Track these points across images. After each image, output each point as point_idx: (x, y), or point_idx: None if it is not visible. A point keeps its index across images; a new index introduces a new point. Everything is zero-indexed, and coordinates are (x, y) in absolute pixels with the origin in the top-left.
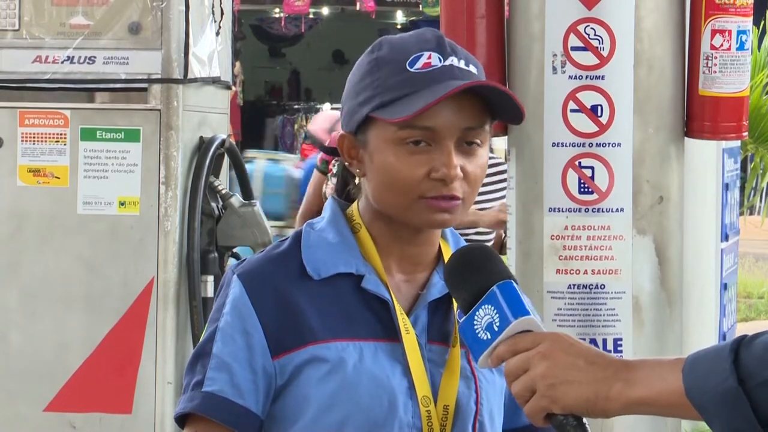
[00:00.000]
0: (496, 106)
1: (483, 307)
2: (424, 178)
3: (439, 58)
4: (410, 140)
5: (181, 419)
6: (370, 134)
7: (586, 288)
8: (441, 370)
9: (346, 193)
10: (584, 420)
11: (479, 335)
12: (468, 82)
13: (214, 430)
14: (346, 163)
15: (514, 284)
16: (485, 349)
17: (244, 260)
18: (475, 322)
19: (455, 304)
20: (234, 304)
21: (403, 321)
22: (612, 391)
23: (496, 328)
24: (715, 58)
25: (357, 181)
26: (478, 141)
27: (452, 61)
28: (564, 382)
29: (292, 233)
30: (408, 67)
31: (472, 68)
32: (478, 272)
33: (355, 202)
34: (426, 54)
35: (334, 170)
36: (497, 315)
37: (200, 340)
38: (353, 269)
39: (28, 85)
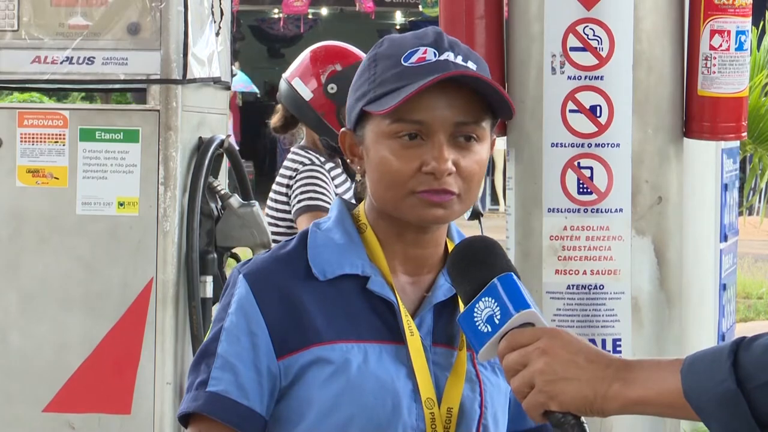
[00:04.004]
0: (492, 102)
1: (483, 299)
2: (416, 173)
3: (435, 53)
4: (403, 134)
5: (185, 418)
6: (366, 129)
7: (585, 288)
8: (446, 372)
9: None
10: (582, 419)
11: (479, 327)
12: (451, 72)
13: (217, 430)
14: (348, 161)
15: (515, 277)
16: (485, 341)
17: (250, 260)
18: (475, 315)
19: (461, 307)
20: (239, 304)
21: (408, 323)
22: (610, 390)
23: (497, 321)
24: (714, 58)
25: (359, 179)
26: (474, 136)
27: (448, 56)
28: (563, 378)
29: (298, 233)
30: (402, 62)
31: (470, 64)
32: (479, 265)
33: (362, 202)
34: (422, 49)
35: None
36: (498, 308)
37: (205, 339)
38: (359, 270)
39: (27, 85)
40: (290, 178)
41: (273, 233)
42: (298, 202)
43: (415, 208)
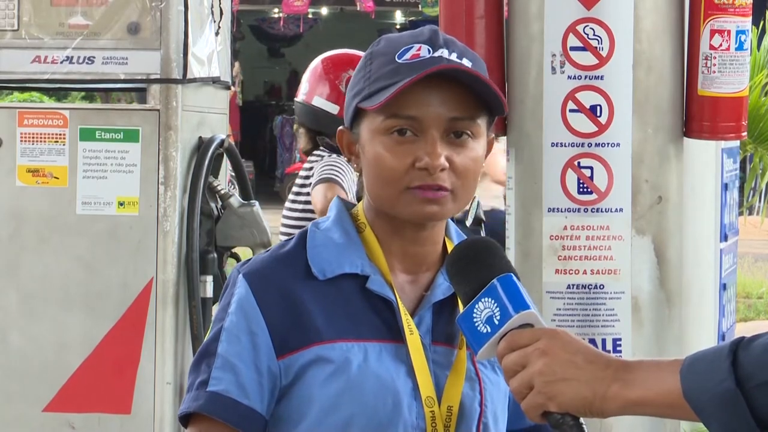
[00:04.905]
0: (487, 98)
1: (483, 300)
2: (410, 168)
3: (429, 50)
4: (396, 129)
5: (185, 418)
6: (361, 127)
7: (585, 288)
8: (446, 371)
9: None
10: (581, 420)
11: (479, 328)
12: (440, 66)
13: (218, 430)
14: (347, 160)
15: (515, 278)
16: (485, 342)
17: (250, 260)
18: (474, 315)
19: (461, 306)
20: (239, 303)
21: (407, 322)
22: (610, 391)
23: (496, 322)
24: (714, 58)
25: (358, 176)
26: (468, 132)
27: (442, 53)
28: (562, 379)
29: (297, 233)
30: (397, 59)
31: (465, 61)
32: (479, 265)
33: (361, 201)
34: (416, 46)
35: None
36: (498, 308)
37: (205, 339)
38: (358, 270)
39: (27, 85)
40: (311, 170)
41: (288, 225)
42: (317, 177)
43: (409, 204)
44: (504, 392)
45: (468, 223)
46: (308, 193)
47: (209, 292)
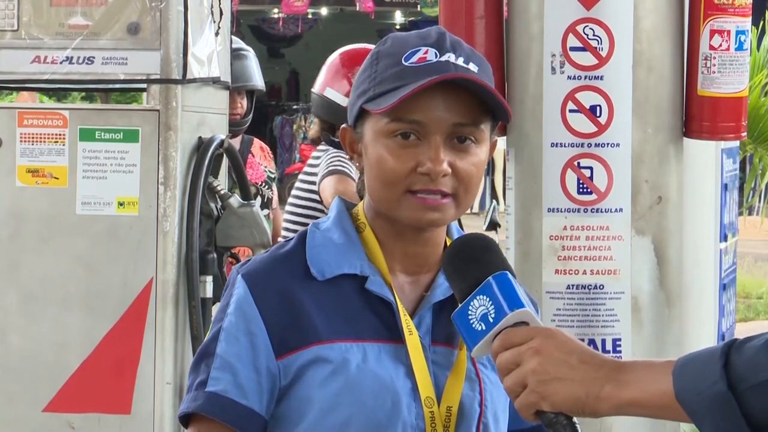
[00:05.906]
0: (491, 104)
1: (478, 297)
2: (412, 172)
3: (436, 54)
4: (399, 133)
5: (185, 419)
6: (365, 127)
7: (585, 288)
8: (446, 371)
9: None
10: (575, 420)
11: (473, 325)
12: (447, 75)
13: (217, 430)
14: (349, 158)
15: (510, 276)
16: (479, 339)
17: (249, 260)
18: (469, 313)
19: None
20: (238, 304)
21: (407, 322)
22: (603, 391)
23: (491, 319)
24: (714, 58)
25: (360, 176)
26: (472, 138)
27: (449, 57)
28: (555, 378)
29: (297, 233)
30: (403, 61)
31: (472, 66)
32: (475, 262)
33: (361, 201)
34: (423, 49)
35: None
36: (492, 306)
37: (204, 339)
38: (357, 270)
39: (27, 85)
40: (316, 166)
41: (291, 221)
42: (324, 169)
43: (409, 209)
44: (504, 392)
45: (484, 227)
46: (312, 183)
47: (209, 293)
